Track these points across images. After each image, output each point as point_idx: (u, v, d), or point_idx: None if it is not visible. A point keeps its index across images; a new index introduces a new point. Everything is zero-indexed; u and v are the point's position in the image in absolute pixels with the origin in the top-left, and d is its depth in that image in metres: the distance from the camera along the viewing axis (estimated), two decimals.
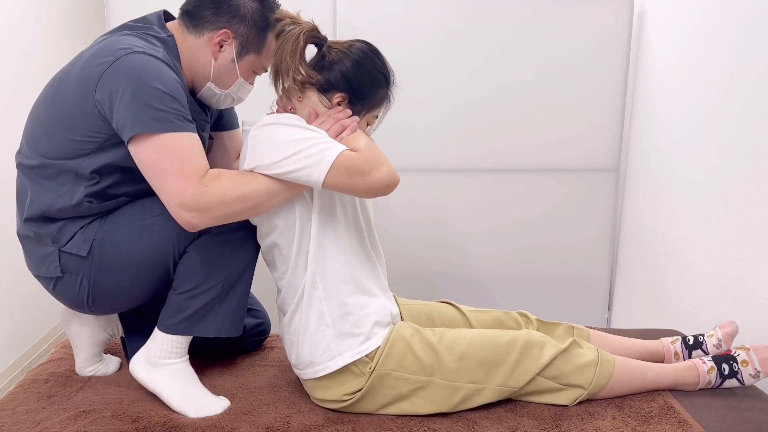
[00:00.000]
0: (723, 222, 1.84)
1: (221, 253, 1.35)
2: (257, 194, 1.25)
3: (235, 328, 1.41)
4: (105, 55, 1.23)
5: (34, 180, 1.32)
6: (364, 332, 1.35)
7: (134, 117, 1.20)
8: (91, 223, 1.33)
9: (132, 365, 1.42)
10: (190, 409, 1.35)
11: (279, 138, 1.26)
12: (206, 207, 1.21)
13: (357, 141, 1.30)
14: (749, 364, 1.45)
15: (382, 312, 1.39)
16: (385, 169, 1.27)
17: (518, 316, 1.59)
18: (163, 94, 1.21)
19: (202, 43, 1.37)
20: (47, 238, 1.32)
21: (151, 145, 1.21)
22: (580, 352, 1.41)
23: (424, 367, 1.35)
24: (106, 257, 1.32)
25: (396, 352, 1.34)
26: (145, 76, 1.21)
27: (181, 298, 1.36)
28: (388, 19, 2.29)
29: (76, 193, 1.30)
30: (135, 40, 1.27)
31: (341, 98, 1.36)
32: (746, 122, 1.74)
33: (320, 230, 1.34)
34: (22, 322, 2.69)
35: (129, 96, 1.20)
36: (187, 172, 1.21)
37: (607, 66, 2.35)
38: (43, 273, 1.35)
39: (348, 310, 1.35)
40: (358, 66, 1.35)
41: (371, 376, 1.33)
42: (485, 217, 2.46)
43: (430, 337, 1.37)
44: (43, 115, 1.30)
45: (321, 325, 1.35)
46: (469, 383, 1.36)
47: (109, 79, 1.21)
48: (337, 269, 1.35)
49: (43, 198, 1.31)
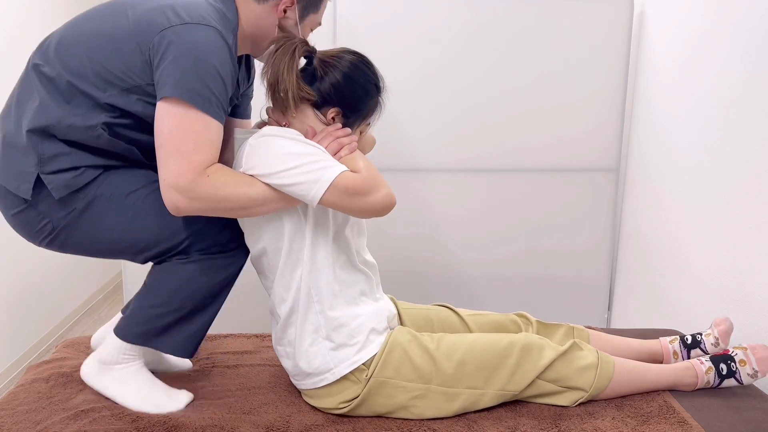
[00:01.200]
0: (723, 222, 1.84)
1: (200, 278, 1.34)
2: (251, 197, 1.25)
3: (189, 351, 1.39)
4: (182, 10, 1.22)
5: (48, 90, 1.25)
6: (360, 341, 1.35)
7: (182, 81, 1.18)
8: (82, 174, 1.27)
9: (83, 372, 1.40)
10: (149, 407, 1.34)
11: (279, 149, 1.26)
12: (198, 197, 1.20)
13: (356, 162, 1.30)
14: (747, 363, 1.46)
15: (377, 318, 1.39)
16: (383, 191, 1.27)
17: (518, 319, 1.59)
18: (218, 75, 1.21)
19: (267, 10, 1.35)
20: (34, 155, 1.25)
21: (180, 114, 1.19)
22: (581, 355, 1.41)
23: (422, 374, 1.34)
24: (85, 222, 1.29)
25: (393, 359, 1.34)
26: (210, 53, 1.20)
27: (147, 311, 1.34)
28: (388, 20, 2.29)
29: (92, 118, 1.25)
30: (213, 12, 1.26)
31: (335, 113, 1.35)
32: (746, 122, 1.74)
33: (314, 245, 1.34)
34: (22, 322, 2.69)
35: (187, 61, 1.18)
36: (196, 158, 1.19)
37: (607, 66, 2.35)
38: (12, 188, 1.27)
39: (341, 323, 1.35)
40: (350, 80, 1.34)
41: (368, 383, 1.33)
42: (485, 216, 2.46)
43: (428, 344, 1.37)
44: (89, 31, 1.25)
45: (317, 338, 1.35)
46: (468, 389, 1.35)
47: (176, 35, 1.19)
48: (329, 282, 1.35)
49: (54, 110, 1.24)
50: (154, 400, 1.35)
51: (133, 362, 1.38)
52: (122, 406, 1.36)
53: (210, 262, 1.35)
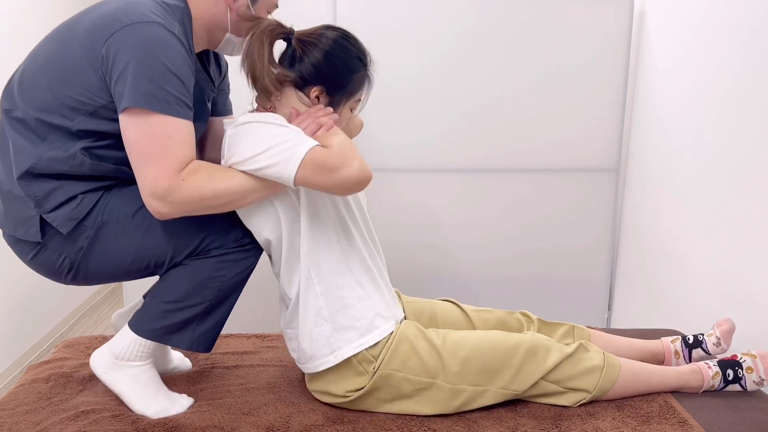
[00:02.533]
0: (723, 222, 1.84)
1: (215, 274, 1.34)
2: (232, 191, 1.23)
3: (207, 346, 1.39)
4: (121, 15, 1.18)
5: (22, 133, 1.25)
6: (364, 324, 1.35)
7: (134, 88, 1.15)
8: (81, 203, 1.27)
9: (93, 362, 1.38)
10: (150, 411, 1.34)
11: (254, 135, 1.25)
12: (178, 201, 1.19)
13: (331, 138, 1.27)
14: (754, 371, 1.45)
15: (383, 303, 1.39)
16: (356, 164, 1.23)
17: (521, 317, 1.59)
18: (170, 73, 1.17)
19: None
20: (29, 199, 1.25)
21: (142, 123, 1.17)
22: (587, 356, 1.40)
23: (428, 369, 1.34)
24: (99, 251, 1.29)
25: (401, 352, 1.34)
26: (156, 51, 1.16)
27: (163, 307, 1.33)
28: (388, 20, 2.29)
29: (69, 147, 1.23)
30: (155, 7, 1.22)
31: (318, 91, 1.33)
32: (746, 122, 1.74)
33: (311, 226, 1.33)
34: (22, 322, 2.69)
35: (135, 66, 1.15)
36: (169, 163, 1.17)
37: (607, 66, 2.35)
38: (21, 235, 1.27)
39: (346, 303, 1.35)
40: (329, 56, 1.31)
41: (375, 375, 1.33)
42: (485, 216, 2.46)
43: (434, 339, 1.37)
44: (46, 63, 1.24)
45: (319, 320, 1.35)
46: (471, 386, 1.35)
47: (120, 40, 1.16)
48: (331, 263, 1.35)
49: (31, 150, 1.23)
50: (156, 405, 1.35)
51: (145, 361, 1.38)
52: (125, 404, 1.35)
53: (226, 258, 1.35)
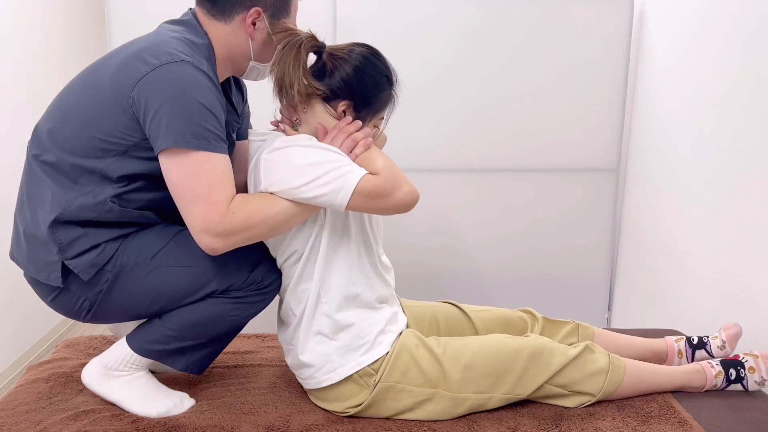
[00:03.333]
0: (723, 222, 1.84)
1: (229, 313, 1.33)
2: (279, 218, 1.24)
3: (200, 369, 1.39)
4: (149, 56, 1.19)
5: (53, 177, 1.25)
6: (367, 342, 1.34)
7: (171, 128, 1.16)
8: (104, 250, 1.27)
9: (86, 376, 1.38)
10: (153, 412, 1.34)
11: (295, 162, 1.24)
12: (231, 233, 1.20)
13: (375, 162, 1.28)
14: (756, 371, 1.45)
15: (387, 321, 1.38)
16: (406, 188, 1.26)
17: (524, 314, 1.58)
18: (204, 109, 1.18)
19: (234, 27, 1.31)
20: (53, 245, 1.26)
21: (184, 162, 1.17)
22: (592, 359, 1.39)
23: (429, 379, 1.33)
24: (119, 293, 1.29)
25: (401, 364, 1.33)
26: (188, 89, 1.17)
27: (167, 332, 1.33)
28: (388, 20, 2.28)
29: (100, 193, 1.24)
30: (181, 46, 1.22)
31: (346, 106, 1.33)
32: (746, 122, 1.74)
33: (329, 247, 1.33)
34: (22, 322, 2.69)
35: (169, 106, 1.16)
36: (216, 198, 1.18)
37: (607, 66, 2.35)
38: (43, 279, 1.29)
39: (350, 323, 1.34)
40: (360, 72, 1.32)
41: (375, 388, 1.32)
42: (485, 216, 2.46)
43: (435, 348, 1.36)
44: (74, 106, 1.24)
45: (323, 338, 1.34)
46: (474, 393, 1.34)
47: (151, 83, 1.17)
48: (342, 284, 1.34)
49: (62, 196, 1.24)
50: (157, 407, 1.35)
51: (138, 371, 1.37)
52: (126, 411, 1.35)
53: (244, 300, 1.34)
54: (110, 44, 2.21)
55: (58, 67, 3.08)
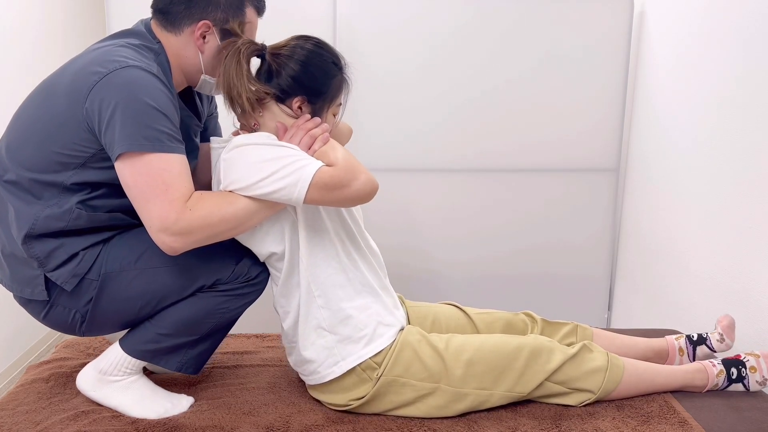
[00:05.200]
0: (723, 222, 1.84)
1: (218, 307, 1.34)
2: (238, 215, 1.24)
3: (196, 369, 1.39)
4: (98, 66, 1.19)
5: (17, 195, 1.26)
6: (367, 334, 1.35)
7: (124, 133, 1.16)
8: (83, 259, 1.27)
9: (80, 383, 1.38)
10: (152, 414, 1.33)
11: (252, 158, 1.25)
12: (188, 231, 1.19)
13: (333, 153, 1.28)
14: (757, 370, 1.46)
15: (385, 311, 1.39)
16: (363, 177, 1.25)
17: (525, 317, 1.59)
18: (155, 111, 1.18)
19: (184, 39, 1.32)
20: (32, 260, 1.26)
21: (137, 164, 1.18)
22: (590, 357, 1.40)
23: (432, 374, 1.34)
24: (108, 301, 1.29)
25: (403, 358, 1.34)
26: (138, 92, 1.17)
27: (158, 331, 1.33)
28: (388, 19, 2.28)
29: (65, 202, 1.25)
30: (128, 52, 1.23)
31: (300, 101, 1.33)
32: (746, 122, 1.74)
33: (309, 240, 1.33)
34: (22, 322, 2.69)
35: (120, 112, 1.16)
36: (171, 196, 1.18)
37: (607, 66, 2.35)
38: (28, 295, 1.29)
39: (347, 314, 1.35)
40: (305, 65, 1.31)
41: (378, 382, 1.33)
42: (485, 217, 2.46)
43: (437, 344, 1.37)
44: (30, 123, 1.25)
45: (322, 332, 1.35)
46: (476, 389, 1.35)
47: (101, 91, 1.17)
48: (331, 275, 1.35)
49: (28, 211, 1.25)
50: (156, 408, 1.35)
51: (133, 375, 1.37)
52: (124, 414, 1.34)
53: (231, 293, 1.35)
54: None
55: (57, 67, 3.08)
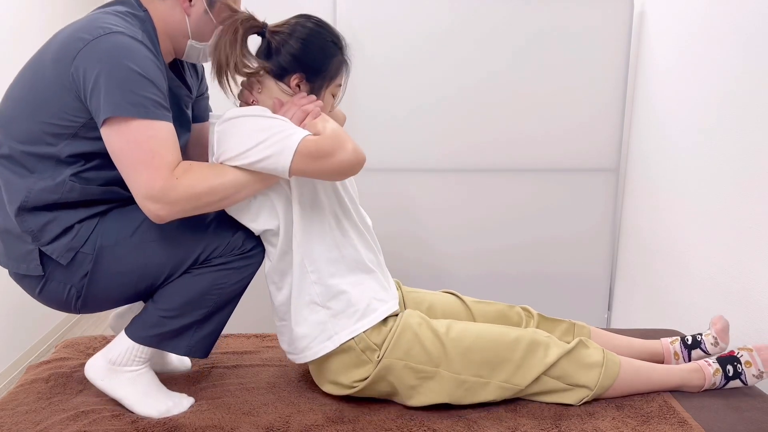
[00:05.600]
0: (722, 222, 1.84)
1: (216, 282, 1.34)
2: (226, 186, 1.23)
3: (204, 352, 1.39)
4: (83, 33, 1.19)
5: (10, 169, 1.25)
6: (360, 309, 1.36)
7: (109, 99, 1.15)
8: (78, 232, 1.27)
9: (89, 370, 1.37)
10: (154, 412, 1.33)
11: (243, 129, 1.25)
12: (175, 200, 1.19)
13: (321, 125, 1.28)
14: (752, 364, 1.46)
15: (379, 287, 1.40)
16: (349, 146, 1.24)
17: (521, 311, 1.60)
18: (140, 77, 1.17)
19: (170, 4, 1.32)
20: (26, 234, 1.26)
21: (123, 130, 1.17)
22: (587, 353, 1.41)
23: (432, 358, 1.35)
24: (103, 275, 1.29)
25: (404, 341, 1.35)
26: (123, 58, 1.16)
27: (161, 314, 1.33)
28: (388, 19, 2.29)
29: (58, 175, 1.24)
30: (114, 19, 1.22)
31: (298, 79, 1.34)
32: (746, 122, 1.74)
33: (303, 216, 1.34)
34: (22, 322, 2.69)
35: (105, 77, 1.15)
36: (158, 163, 1.17)
37: (607, 66, 2.35)
38: (23, 270, 1.29)
39: (341, 289, 1.35)
40: (305, 43, 1.32)
41: (379, 364, 1.34)
42: (485, 217, 2.46)
43: (439, 328, 1.38)
44: (20, 95, 1.25)
45: (315, 307, 1.35)
46: (473, 377, 1.36)
47: (86, 57, 1.17)
48: (325, 251, 1.35)
49: (21, 184, 1.24)
50: (158, 407, 1.35)
51: (142, 365, 1.37)
52: (128, 408, 1.35)
53: (228, 267, 1.35)
54: None
55: None
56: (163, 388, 1.39)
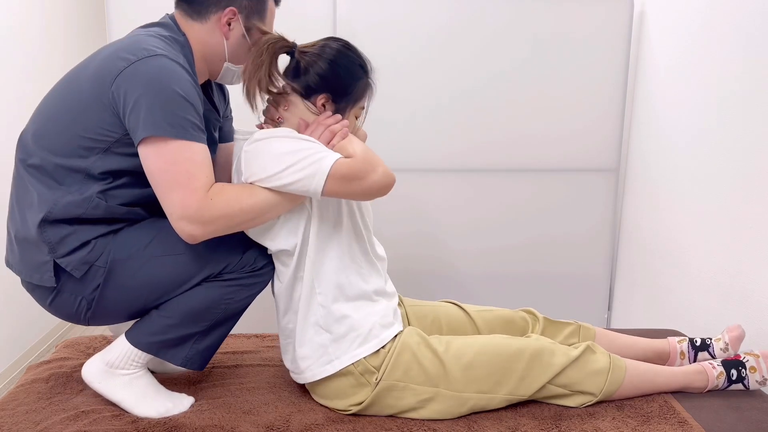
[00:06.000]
0: (722, 222, 1.84)
1: (224, 296, 1.34)
2: (258, 207, 1.26)
3: (201, 364, 1.39)
4: (126, 53, 1.22)
5: (40, 180, 1.27)
6: (362, 333, 1.34)
7: (149, 119, 1.18)
8: (94, 247, 1.28)
9: (86, 373, 1.37)
10: (153, 413, 1.33)
11: (273, 151, 1.26)
12: (209, 220, 1.21)
13: (351, 146, 1.30)
14: (757, 370, 1.46)
15: (383, 312, 1.39)
16: (380, 170, 1.28)
17: (526, 315, 1.58)
18: (182, 99, 1.20)
19: (210, 27, 1.35)
20: (44, 245, 1.27)
21: (162, 151, 1.20)
22: (593, 359, 1.40)
23: (431, 378, 1.34)
24: (115, 289, 1.29)
25: (402, 362, 1.34)
26: (165, 80, 1.20)
27: (164, 322, 1.33)
28: (388, 19, 2.29)
29: (86, 189, 1.26)
30: (157, 42, 1.26)
31: (324, 99, 1.35)
32: (746, 122, 1.74)
33: (319, 237, 1.34)
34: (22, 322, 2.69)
35: (147, 97, 1.18)
36: (194, 185, 1.20)
37: (607, 66, 2.35)
38: (36, 281, 1.30)
39: (344, 314, 1.35)
40: (333, 65, 1.34)
41: (377, 386, 1.33)
42: (485, 217, 2.46)
43: (437, 347, 1.36)
44: (56, 108, 1.27)
45: (319, 330, 1.35)
46: (477, 393, 1.35)
47: (129, 77, 1.20)
48: (335, 275, 1.35)
49: (49, 196, 1.26)
50: (158, 407, 1.35)
51: (139, 369, 1.37)
52: (127, 411, 1.34)
53: (238, 283, 1.35)
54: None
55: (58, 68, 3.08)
56: (161, 389, 1.39)
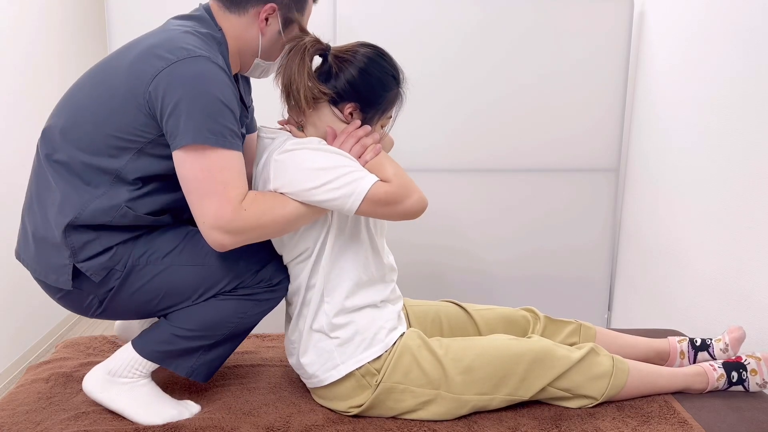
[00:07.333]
0: (723, 222, 1.84)
1: (238, 311, 1.33)
2: (288, 218, 1.25)
3: (206, 376, 1.37)
4: (164, 51, 1.18)
5: (66, 178, 1.23)
6: (367, 338, 1.34)
7: (189, 125, 1.15)
8: (115, 253, 1.26)
9: (87, 384, 1.35)
10: (158, 420, 1.31)
11: (306, 164, 1.25)
12: (241, 230, 1.20)
13: (386, 169, 1.29)
14: (758, 373, 1.46)
15: (387, 317, 1.38)
16: (416, 196, 1.28)
17: (526, 313, 1.58)
18: (222, 106, 1.18)
19: (247, 21, 1.32)
20: (66, 249, 1.24)
21: (199, 158, 1.17)
22: (597, 361, 1.39)
23: (431, 380, 1.33)
24: (129, 291, 1.28)
25: (403, 364, 1.33)
26: (207, 85, 1.17)
27: (174, 332, 1.31)
28: (388, 20, 2.28)
29: (115, 196, 1.23)
30: (196, 41, 1.22)
31: (353, 108, 1.33)
32: (746, 122, 1.74)
33: (335, 248, 1.34)
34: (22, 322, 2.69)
35: (187, 102, 1.15)
36: (229, 195, 1.18)
37: (607, 66, 2.35)
38: (52, 282, 1.27)
39: (351, 320, 1.35)
40: (365, 74, 1.32)
41: (377, 388, 1.32)
42: (486, 216, 2.46)
43: (437, 349, 1.36)
44: (87, 102, 1.22)
45: (323, 336, 1.35)
46: (477, 395, 1.34)
47: (168, 79, 1.16)
48: (347, 284, 1.35)
49: (76, 199, 1.22)
50: (162, 414, 1.32)
51: (142, 378, 1.35)
52: (129, 420, 1.32)
53: (252, 298, 1.34)
54: (110, 44, 2.21)
55: (57, 66, 3.08)
56: (165, 397, 1.36)
